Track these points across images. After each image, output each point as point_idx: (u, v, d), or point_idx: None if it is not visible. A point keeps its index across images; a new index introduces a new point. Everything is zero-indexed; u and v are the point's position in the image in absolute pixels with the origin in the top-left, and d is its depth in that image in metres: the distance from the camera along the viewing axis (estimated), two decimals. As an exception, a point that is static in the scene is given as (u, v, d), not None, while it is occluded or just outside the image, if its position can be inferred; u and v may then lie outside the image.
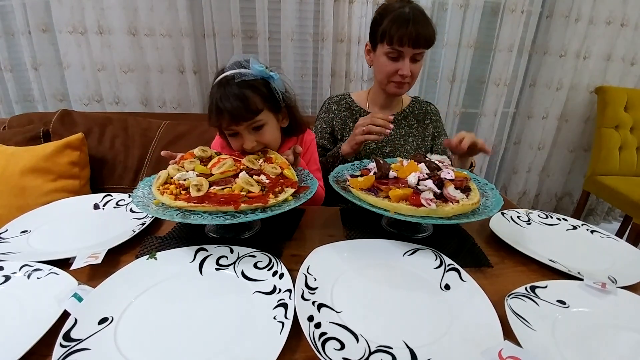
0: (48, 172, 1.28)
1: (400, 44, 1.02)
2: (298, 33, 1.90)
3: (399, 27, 1.00)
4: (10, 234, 0.76)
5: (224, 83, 0.83)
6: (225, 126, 0.84)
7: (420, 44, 1.02)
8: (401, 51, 1.03)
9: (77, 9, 1.73)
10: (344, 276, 0.63)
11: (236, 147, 0.88)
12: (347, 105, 1.23)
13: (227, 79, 0.83)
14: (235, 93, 0.81)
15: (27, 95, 1.94)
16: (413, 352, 0.47)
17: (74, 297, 0.52)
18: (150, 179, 0.78)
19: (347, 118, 1.22)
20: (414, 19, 1.00)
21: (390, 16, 1.03)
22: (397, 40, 1.01)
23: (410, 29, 1.00)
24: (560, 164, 2.41)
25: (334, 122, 1.22)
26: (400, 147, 1.19)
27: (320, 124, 1.25)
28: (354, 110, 1.22)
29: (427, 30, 1.02)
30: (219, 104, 0.81)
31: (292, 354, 0.47)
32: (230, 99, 0.80)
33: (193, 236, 0.75)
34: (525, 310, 0.54)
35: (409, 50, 1.03)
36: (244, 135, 0.85)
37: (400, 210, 0.65)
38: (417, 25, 1.00)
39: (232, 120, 0.82)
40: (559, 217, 0.91)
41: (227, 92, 0.81)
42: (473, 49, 2.05)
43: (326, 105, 1.26)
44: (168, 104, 1.96)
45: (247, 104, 0.81)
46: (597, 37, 2.07)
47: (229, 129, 0.85)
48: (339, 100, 1.24)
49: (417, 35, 1.00)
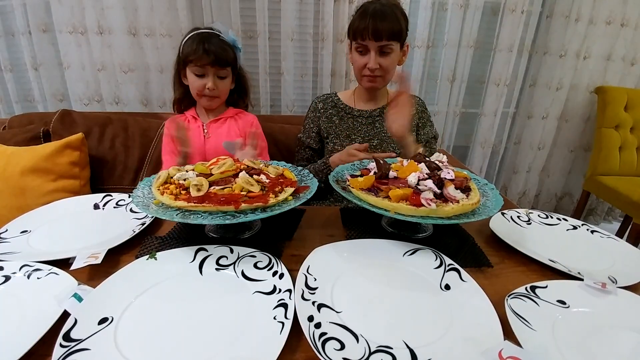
0: (48, 172, 1.28)
1: (362, 38, 1.04)
2: (298, 33, 1.89)
3: (360, 21, 1.03)
4: (10, 234, 0.76)
5: (207, 35, 1.11)
6: (201, 64, 1.09)
7: (382, 36, 1.03)
8: (365, 45, 1.06)
9: (77, 9, 1.73)
10: (344, 276, 0.63)
11: (198, 86, 1.13)
12: (333, 103, 1.26)
13: (210, 33, 1.12)
14: (219, 43, 1.11)
15: (27, 95, 1.94)
16: (413, 352, 0.47)
17: (73, 297, 0.52)
18: (150, 179, 0.78)
19: (332, 116, 1.24)
20: (377, 12, 1.02)
21: (357, 12, 1.06)
22: (359, 34, 1.04)
23: (369, 22, 1.01)
24: (561, 164, 2.41)
25: (320, 121, 1.25)
26: (387, 139, 1.20)
27: (307, 123, 1.29)
28: (339, 108, 1.25)
29: (388, 23, 1.02)
30: (206, 46, 1.08)
31: (292, 354, 0.47)
32: (216, 45, 1.10)
33: (193, 236, 0.75)
34: (525, 310, 0.54)
35: (372, 44, 1.04)
36: (211, 77, 1.12)
37: (400, 210, 0.65)
38: (377, 18, 1.01)
39: (214, 61, 1.09)
40: (559, 217, 0.91)
41: (212, 40, 1.10)
42: (473, 49, 2.05)
43: (313, 105, 1.29)
44: (168, 104, 1.95)
45: (227, 54, 1.12)
46: (597, 37, 2.06)
47: (203, 68, 1.10)
48: (325, 99, 1.27)
49: (376, 28, 1.01)
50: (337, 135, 1.22)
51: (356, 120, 1.22)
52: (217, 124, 1.24)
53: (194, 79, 1.13)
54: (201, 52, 1.08)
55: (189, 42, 1.11)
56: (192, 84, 1.14)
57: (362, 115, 1.22)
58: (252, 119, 1.30)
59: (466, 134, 2.33)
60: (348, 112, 1.23)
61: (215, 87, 1.13)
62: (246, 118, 1.29)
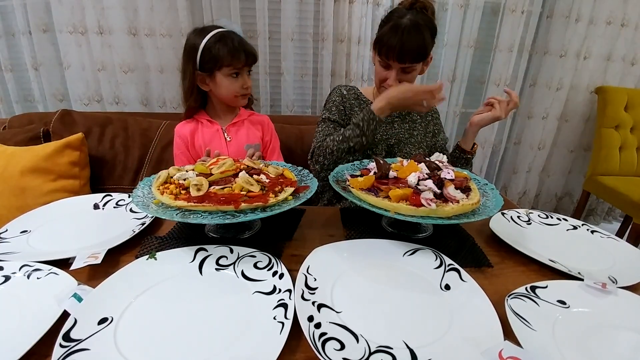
0: (48, 172, 1.28)
1: (387, 57, 1.03)
2: (298, 33, 1.89)
3: (387, 39, 1.00)
4: (10, 234, 0.76)
5: (228, 34, 1.08)
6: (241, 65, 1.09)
7: (406, 59, 1.01)
8: (389, 63, 1.05)
9: (77, 9, 1.73)
10: (344, 276, 0.63)
11: (236, 88, 1.11)
12: (355, 95, 1.23)
13: (232, 32, 1.10)
14: (245, 41, 1.11)
15: (28, 95, 1.94)
16: (413, 352, 0.47)
17: (73, 297, 0.52)
18: (150, 178, 0.78)
19: (355, 106, 1.21)
20: (405, 32, 0.98)
21: (387, 25, 1.02)
22: (384, 53, 1.03)
23: (396, 44, 0.99)
24: (561, 164, 2.41)
25: (345, 105, 1.20)
26: (405, 140, 1.19)
27: (333, 105, 1.20)
28: (361, 101, 1.22)
29: (415, 46, 0.99)
30: (238, 46, 1.07)
31: (292, 355, 0.47)
32: (245, 43, 1.10)
33: (193, 236, 0.75)
34: (525, 311, 0.54)
35: (395, 64, 1.04)
36: (244, 75, 1.12)
37: (400, 210, 0.65)
38: (404, 40, 0.98)
39: (251, 60, 1.11)
40: (559, 217, 0.91)
41: (242, 40, 1.10)
42: (473, 49, 2.05)
43: (337, 91, 1.23)
44: (168, 104, 1.96)
45: (255, 52, 1.13)
46: (597, 37, 2.06)
47: (238, 69, 1.09)
48: (348, 90, 1.24)
49: (402, 51, 0.99)
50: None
51: None
52: (236, 127, 1.22)
53: (231, 82, 1.10)
54: (241, 54, 1.07)
55: (220, 47, 1.05)
56: (228, 87, 1.11)
57: None
58: (266, 120, 1.30)
59: (466, 134, 2.33)
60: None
61: (250, 84, 1.14)
62: (261, 119, 1.28)
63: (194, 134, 1.19)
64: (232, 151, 1.18)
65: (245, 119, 1.24)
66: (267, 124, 1.29)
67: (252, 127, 1.24)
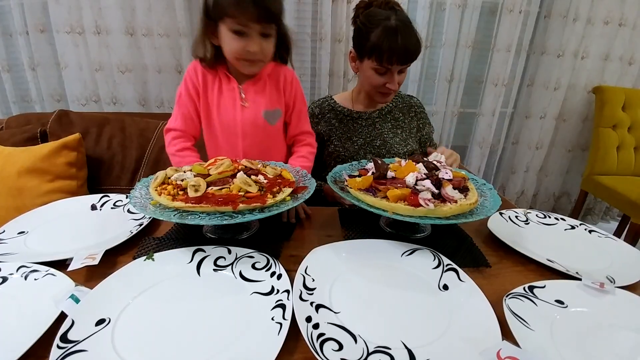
0: (45, 173, 1.27)
1: (390, 63, 1.02)
2: (296, 33, 1.89)
3: (388, 44, 0.99)
4: (7, 235, 0.76)
5: None
6: (246, 19, 0.84)
7: (408, 59, 1.02)
8: (389, 68, 1.04)
9: (74, 9, 1.73)
10: (342, 277, 0.63)
11: (236, 49, 0.88)
12: (330, 107, 1.23)
13: None
14: None
15: (25, 95, 1.93)
16: (411, 353, 0.47)
17: (71, 299, 0.52)
18: (148, 179, 0.77)
19: (331, 119, 1.23)
20: (402, 34, 0.98)
21: (377, 30, 1.00)
22: (386, 60, 1.01)
23: (399, 47, 0.99)
24: (558, 164, 2.41)
25: (319, 125, 1.23)
26: (390, 140, 1.20)
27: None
28: (337, 111, 1.23)
29: (415, 44, 1.01)
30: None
31: (290, 355, 0.47)
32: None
33: (191, 237, 0.75)
34: (523, 310, 0.54)
35: (396, 67, 1.04)
36: (253, 37, 0.86)
37: (398, 210, 0.65)
38: (404, 41, 0.99)
39: (262, 16, 0.84)
40: (557, 217, 0.91)
41: None
42: (471, 49, 2.05)
43: (310, 111, 1.24)
44: (166, 104, 1.95)
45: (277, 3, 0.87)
46: (595, 37, 2.07)
47: (244, 25, 0.85)
48: (321, 104, 1.25)
49: (405, 52, 1.00)
50: (338, 138, 1.21)
51: (356, 122, 1.22)
52: (257, 86, 0.99)
53: (232, 39, 0.87)
54: (249, 5, 0.82)
55: None
56: (229, 45, 0.88)
57: (361, 117, 1.21)
58: (290, 75, 1.03)
59: (464, 134, 2.34)
60: (347, 115, 1.22)
61: (261, 50, 0.89)
62: (285, 73, 1.02)
63: (206, 79, 0.98)
64: (246, 118, 0.98)
65: (269, 74, 1.00)
66: (291, 81, 1.03)
67: (274, 88, 1.02)
